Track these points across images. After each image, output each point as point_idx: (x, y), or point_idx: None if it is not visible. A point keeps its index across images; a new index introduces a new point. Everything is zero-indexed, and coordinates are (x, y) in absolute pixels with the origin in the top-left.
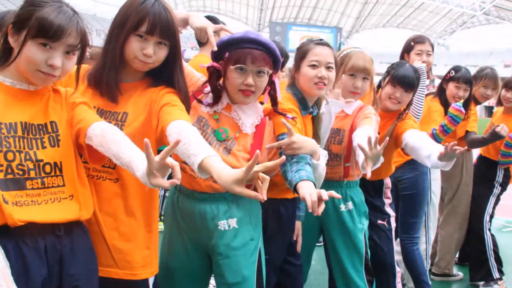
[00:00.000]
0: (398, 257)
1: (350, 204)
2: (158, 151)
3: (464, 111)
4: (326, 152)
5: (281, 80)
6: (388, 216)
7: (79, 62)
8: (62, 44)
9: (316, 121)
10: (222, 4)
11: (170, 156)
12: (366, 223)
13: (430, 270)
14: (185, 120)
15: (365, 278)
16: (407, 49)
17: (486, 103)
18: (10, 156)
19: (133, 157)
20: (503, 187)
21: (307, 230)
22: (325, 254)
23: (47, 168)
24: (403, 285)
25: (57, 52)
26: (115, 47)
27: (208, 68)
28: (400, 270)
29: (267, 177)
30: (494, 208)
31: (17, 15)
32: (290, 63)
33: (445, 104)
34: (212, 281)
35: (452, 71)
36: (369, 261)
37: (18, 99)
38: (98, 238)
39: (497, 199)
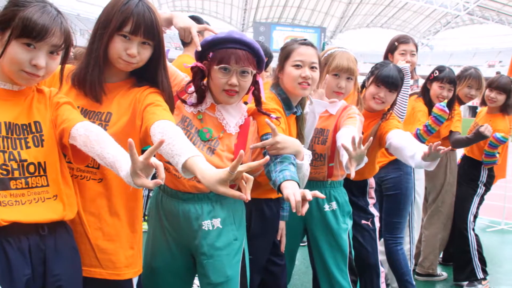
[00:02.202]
0: (382, 257)
1: (334, 204)
2: (142, 151)
3: (448, 111)
4: (310, 152)
5: (265, 80)
6: (372, 216)
7: (63, 62)
8: (46, 44)
9: (300, 121)
10: (206, 4)
11: (154, 156)
12: (350, 223)
13: (414, 270)
14: (169, 120)
15: (349, 278)
16: (391, 49)
17: (470, 103)
18: None
19: (117, 157)
20: (487, 187)
21: (291, 230)
22: (309, 254)
23: (31, 168)
24: (387, 285)
25: (41, 52)
26: (99, 47)
27: (192, 68)
28: (384, 270)
29: (251, 177)
30: (478, 208)
31: (0, 15)
32: (274, 63)
33: (429, 104)
34: (196, 281)
35: (436, 71)
36: (353, 261)
37: (2, 99)
38: (82, 238)
39: (481, 199)
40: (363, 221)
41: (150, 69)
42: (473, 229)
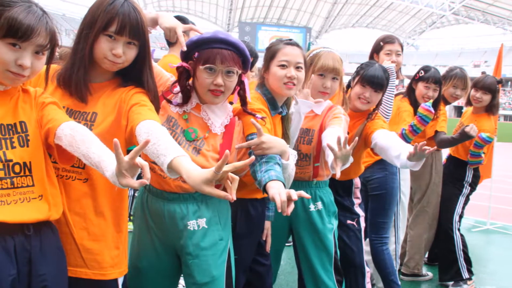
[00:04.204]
0: (367, 257)
1: (319, 204)
2: (128, 151)
3: (433, 111)
4: (295, 152)
5: (251, 80)
6: (358, 216)
7: (49, 62)
8: (32, 44)
9: (285, 121)
10: (192, 4)
11: (140, 156)
12: (335, 223)
13: (399, 270)
14: (155, 120)
15: (335, 278)
16: (376, 49)
17: (455, 103)
18: None
19: (102, 157)
20: (473, 187)
21: (276, 230)
22: (295, 254)
23: (17, 168)
24: (373, 285)
25: (26, 52)
26: (84, 47)
27: (177, 68)
28: (369, 270)
29: (237, 177)
30: (463, 208)
31: None
32: (259, 63)
33: (415, 104)
34: (182, 281)
35: (422, 71)
36: (339, 261)
37: None
38: (67, 238)
39: (467, 199)
40: (349, 221)
41: (135, 69)
42: (459, 229)
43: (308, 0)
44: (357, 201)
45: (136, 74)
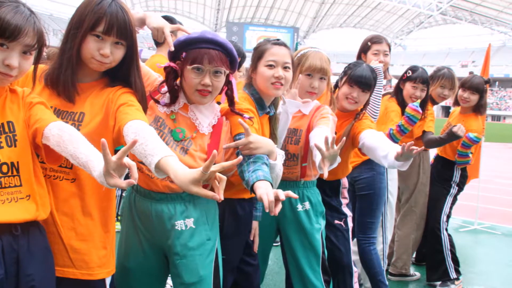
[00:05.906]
0: (355, 257)
1: (307, 204)
2: (115, 151)
3: (421, 111)
4: (283, 152)
5: (238, 80)
6: (345, 216)
7: (36, 62)
8: (19, 44)
9: (273, 121)
10: (179, 4)
11: (127, 156)
12: (323, 223)
13: (387, 270)
14: (142, 120)
15: (322, 278)
16: (364, 49)
17: (443, 103)
18: None
19: (90, 157)
20: (460, 187)
21: (264, 230)
22: (282, 254)
23: (4, 168)
24: (360, 285)
25: (14, 52)
26: (72, 47)
27: (165, 68)
28: (357, 270)
29: (224, 177)
30: (451, 208)
31: None
32: (247, 63)
33: (402, 104)
34: (169, 281)
35: (409, 71)
36: (326, 261)
37: None
38: (55, 238)
39: (454, 199)
40: (336, 221)
41: (123, 69)
42: (446, 229)
43: (295, 0)
44: (344, 201)
45: (124, 74)
